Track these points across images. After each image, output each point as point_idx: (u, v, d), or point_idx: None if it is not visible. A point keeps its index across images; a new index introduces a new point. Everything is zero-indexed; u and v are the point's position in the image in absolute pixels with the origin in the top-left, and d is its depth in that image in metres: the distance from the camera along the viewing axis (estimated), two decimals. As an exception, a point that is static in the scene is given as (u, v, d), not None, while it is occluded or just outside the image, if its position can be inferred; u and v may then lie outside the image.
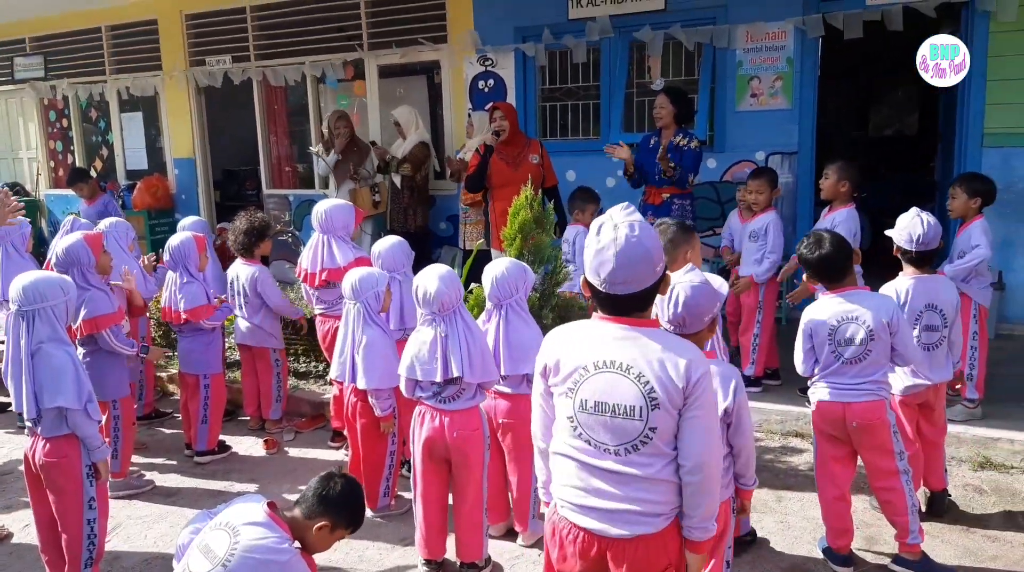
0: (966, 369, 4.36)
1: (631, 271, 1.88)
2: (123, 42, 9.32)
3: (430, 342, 3.04)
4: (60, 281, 3.11)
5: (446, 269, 3.13)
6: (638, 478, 1.93)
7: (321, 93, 8.43)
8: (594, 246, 1.91)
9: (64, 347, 3.03)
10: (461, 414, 3.08)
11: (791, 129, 6.22)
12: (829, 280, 3.20)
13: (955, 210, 4.44)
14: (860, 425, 3.09)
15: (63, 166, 10.40)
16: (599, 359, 1.93)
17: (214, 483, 4.30)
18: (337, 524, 2.41)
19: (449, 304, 3.04)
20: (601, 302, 1.96)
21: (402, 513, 3.80)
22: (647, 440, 1.91)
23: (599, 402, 1.92)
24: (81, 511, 3.09)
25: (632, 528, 1.94)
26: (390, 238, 4.19)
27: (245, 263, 4.82)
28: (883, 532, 3.45)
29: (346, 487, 2.43)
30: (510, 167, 5.54)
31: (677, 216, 5.20)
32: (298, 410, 5.15)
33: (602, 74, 6.86)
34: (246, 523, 2.24)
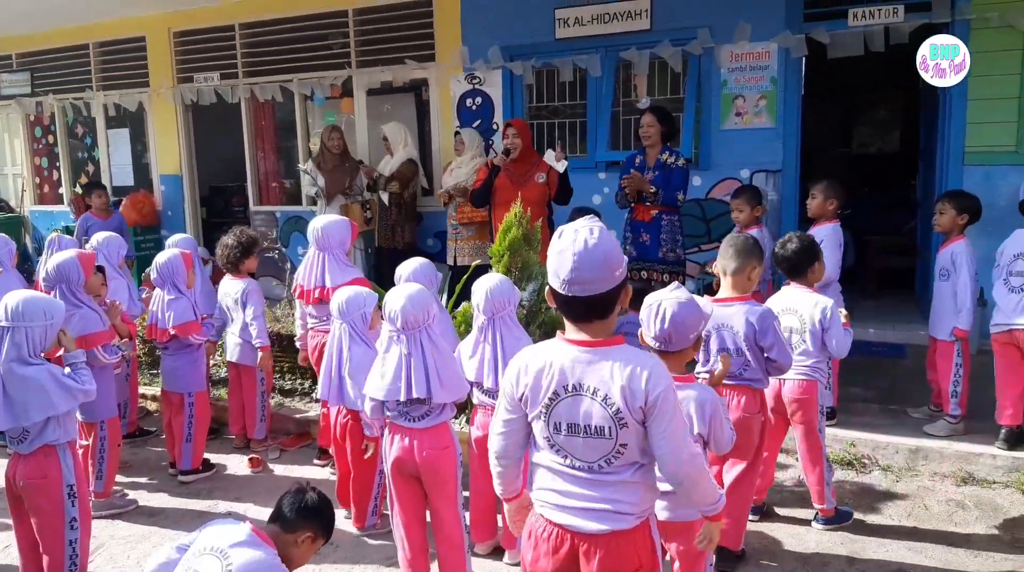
0: (950, 386, 4.40)
1: (590, 272, 1.93)
2: (111, 59, 9.32)
3: (395, 361, 2.98)
4: (46, 304, 3.10)
5: (417, 288, 3.08)
6: (612, 483, 2.02)
7: (309, 110, 8.45)
8: (556, 249, 1.98)
9: (34, 364, 3.00)
10: (430, 432, 3.03)
11: (775, 147, 6.28)
12: (791, 274, 3.64)
13: (942, 225, 4.49)
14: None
15: (48, 182, 10.36)
16: (568, 383, 1.99)
17: (198, 502, 4.27)
18: (318, 534, 2.42)
19: (414, 322, 2.96)
20: (563, 307, 2.01)
21: (388, 531, 3.77)
22: (619, 455, 1.99)
23: (571, 424, 2.00)
24: (62, 531, 3.06)
25: (603, 524, 2.01)
26: (416, 260, 4.02)
27: (233, 278, 4.81)
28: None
29: (320, 497, 2.46)
30: (515, 185, 5.55)
31: (667, 232, 5.24)
32: (283, 428, 5.13)
33: (589, 93, 6.92)
34: (233, 544, 2.22)
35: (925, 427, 4.48)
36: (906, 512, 3.87)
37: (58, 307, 3.15)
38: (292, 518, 2.37)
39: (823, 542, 3.61)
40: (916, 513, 3.86)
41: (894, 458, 4.31)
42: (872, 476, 4.25)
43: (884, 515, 3.85)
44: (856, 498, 4.01)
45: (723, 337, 3.25)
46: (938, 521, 3.78)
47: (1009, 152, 5.74)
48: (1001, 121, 5.72)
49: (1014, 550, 3.49)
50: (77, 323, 3.81)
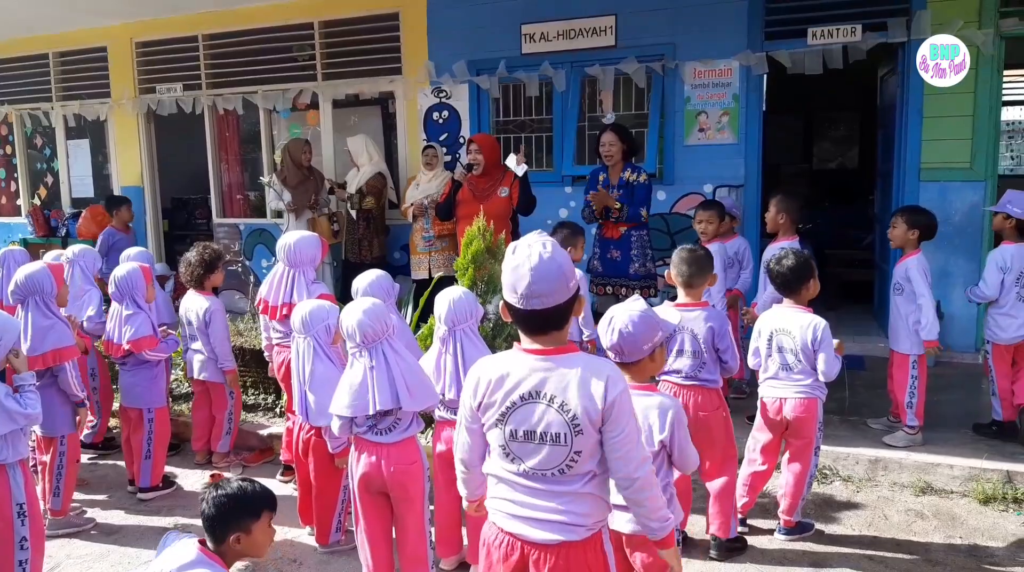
0: (906, 397, 4.49)
1: (545, 285, 1.96)
2: (71, 69, 9.17)
3: (360, 376, 2.97)
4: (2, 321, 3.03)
5: (371, 302, 3.06)
6: (565, 493, 2.04)
7: (274, 122, 8.39)
8: (511, 265, 2.01)
9: None
10: (398, 447, 3.01)
11: (738, 162, 6.38)
12: (784, 291, 3.66)
13: (895, 239, 4.59)
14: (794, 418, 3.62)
15: (6, 194, 10.15)
16: (525, 391, 2.02)
17: (158, 520, 4.18)
18: (249, 526, 2.31)
19: (373, 336, 2.95)
20: (520, 320, 2.04)
21: (352, 548, 3.73)
22: (573, 463, 2.02)
23: (528, 431, 2.03)
24: (12, 552, 2.98)
25: (554, 534, 2.04)
26: (373, 272, 3.96)
27: (198, 294, 4.74)
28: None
29: (220, 497, 2.31)
30: (477, 199, 5.56)
31: (637, 247, 5.28)
32: (246, 443, 5.06)
33: (555, 108, 6.97)
34: (182, 566, 2.19)
35: (884, 438, 4.56)
36: (866, 522, 3.93)
37: (12, 325, 3.08)
38: (212, 531, 2.29)
39: (787, 552, 3.65)
40: (876, 523, 3.92)
41: (854, 469, 4.37)
42: (833, 487, 4.31)
43: (845, 525, 3.90)
44: (817, 509, 4.06)
45: (683, 338, 3.52)
46: (898, 531, 3.84)
47: (964, 168, 5.89)
48: (955, 138, 5.88)
49: (971, 559, 3.56)
50: (51, 336, 3.75)
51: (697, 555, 3.62)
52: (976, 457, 4.26)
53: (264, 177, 7.47)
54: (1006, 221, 4.56)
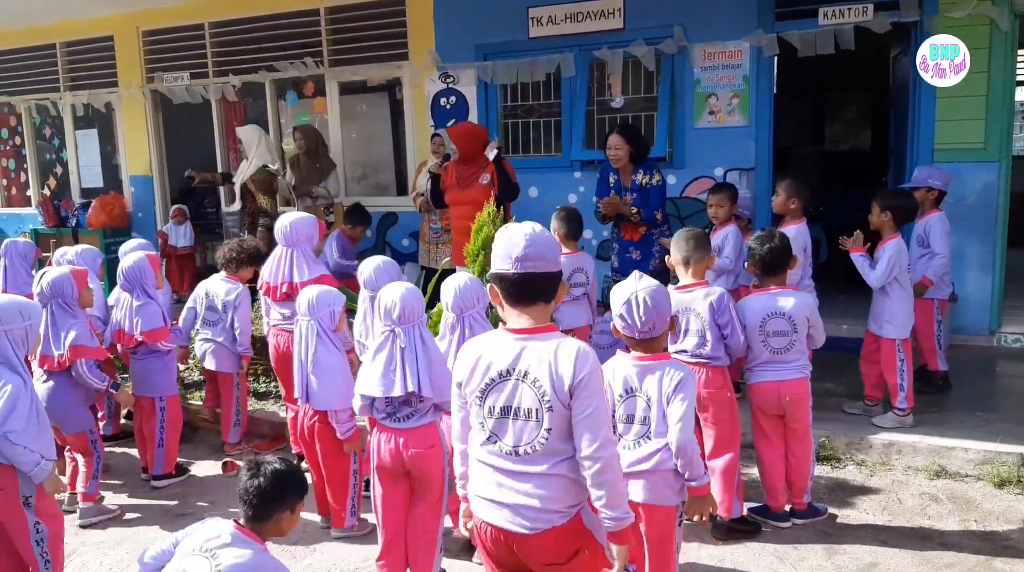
0: (897, 380, 4.47)
1: (539, 249, 2.07)
2: (78, 58, 9.17)
3: (387, 355, 3.00)
4: (22, 305, 3.07)
5: (410, 285, 3.12)
6: (536, 475, 2.07)
7: (281, 110, 8.37)
8: (504, 237, 2.11)
9: (15, 373, 2.96)
10: (417, 432, 3.03)
11: (748, 145, 6.32)
12: (765, 273, 3.66)
13: (872, 223, 4.60)
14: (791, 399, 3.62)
15: (16, 184, 10.18)
16: (503, 368, 2.08)
17: (172, 507, 4.21)
18: (295, 504, 2.39)
19: (411, 315, 3.00)
20: (512, 287, 2.08)
21: (365, 534, 3.75)
22: (544, 441, 2.05)
23: (504, 407, 2.08)
24: (29, 538, 3.03)
25: (530, 523, 2.07)
26: (379, 257, 4.00)
27: (227, 280, 4.77)
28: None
29: (275, 472, 2.34)
30: (459, 188, 5.53)
31: (656, 244, 5.23)
32: (258, 431, 5.08)
33: (563, 92, 6.92)
34: (221, 545, 2.21)
35: (873, 419, 4.56)
36: (880, 506, 3.91)
37: (32, 307, 3.12)
38: (260, 508, 2.31)
39: (800, 536, 3.63)
40: (890, 507, 3.90)
41: (868, 453, 4.35)
42: (846, 471, 4.29)
43: (859, 509, 3.89)
44: (831, 493, 4.04)
45: (687, 319, 3.55)
46: (912, 515, 3.82)
47: (977, 149, 5.82)
48: (969, 118, 5.80)
49: (987, 543, 3.54)
50: (77, 336, 3.86)
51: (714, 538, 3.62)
52: (991, 440, 4.23)
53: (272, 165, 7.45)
54: (928, 194, 4.89)
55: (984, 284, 5.93)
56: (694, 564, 3.38)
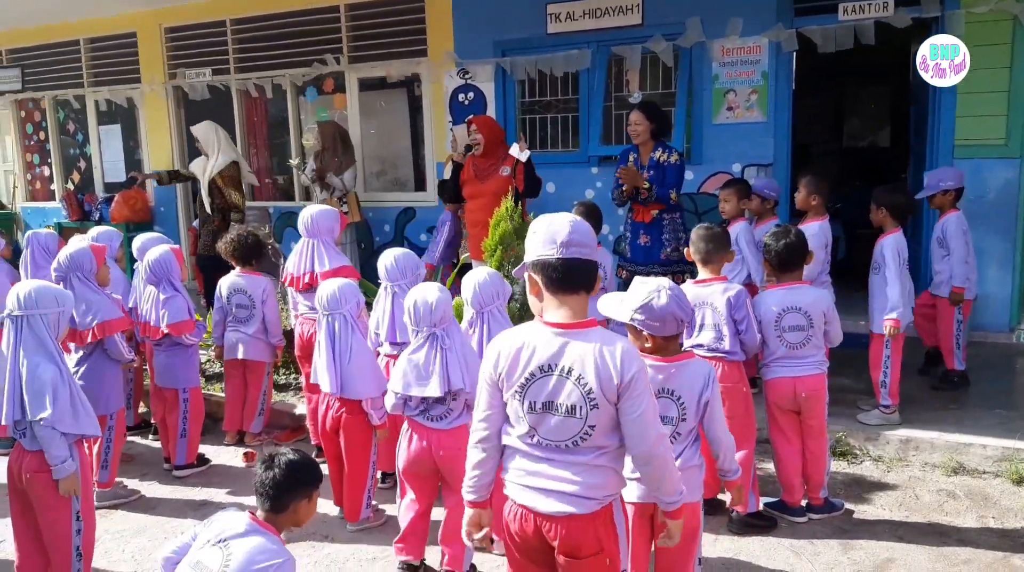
0: (880, 376, 4.48)
1: (583, 237, 2.07)
2: (102, 55, 9.28)
3: (425, 356, 3.04)
4: (56, 292, 3.13)
5: (437, 286, 3.16)
6: (576, 464, 2.08)
7: (301, 106, 8.44)
8: (544, 223, 2.10)
9: (51, 360, 3.01)
10: (449, 433, 3.08)
11: (766, 141, 6.30)
12: (780, 270, 3.66)
13: (873, 221, 4.60)
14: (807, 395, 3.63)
15: (40, 179, 10.33)
16: (544, 363, 2.05)
17: (194, 496, 4.28)
18: (311, 493, 2.42)
19: (449, 316, 3.08)
20: (555, 274, 2.05)
21: (380, 524, 3.80)
22: (587, 436, 2.05)
23: (545, 403, 2.06)
24: (69, 524, 3.07)
25: (565, 506, 2.07)
26: (398, 249, 4.04)
27: (249, 274, 4.83)
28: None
29: (291, 462, 2.38)
30: (478, 180, 5.55)
31: (668, 231, 5.24)
32: (278, 423, 5.14)
33: (581, 87, 6.93)
34: (235, 536, 2.24)
35: (859, 417, 4.56)
36: (897, 502, 3.90)
37: (66, 295, 3.18)
38: (277, 499, 2.35)
39: (815, 532, 3.64)
40: (907, 503, 3.89)
41: (885, 449, 4.34)
42: (863, 467, 4.28)
43: (875, 505, 3.89)
44: (847, 489, 4.04)
45: (704, 313, 3.59)
46: (929, 511, 3.81)
47: (998, 145, 5.77)
48: (990, 114, 5.76)
49: (1004, 539, 3.53)
50: (99, 310, 3.90)
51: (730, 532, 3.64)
52: (1009, 437, 4.21)
53: (293, 160, 7.53)
54: (944, 197, 4.89)
55: (1004, 281, 5.88)
56: (709, 558, 3.39)
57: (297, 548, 3.63)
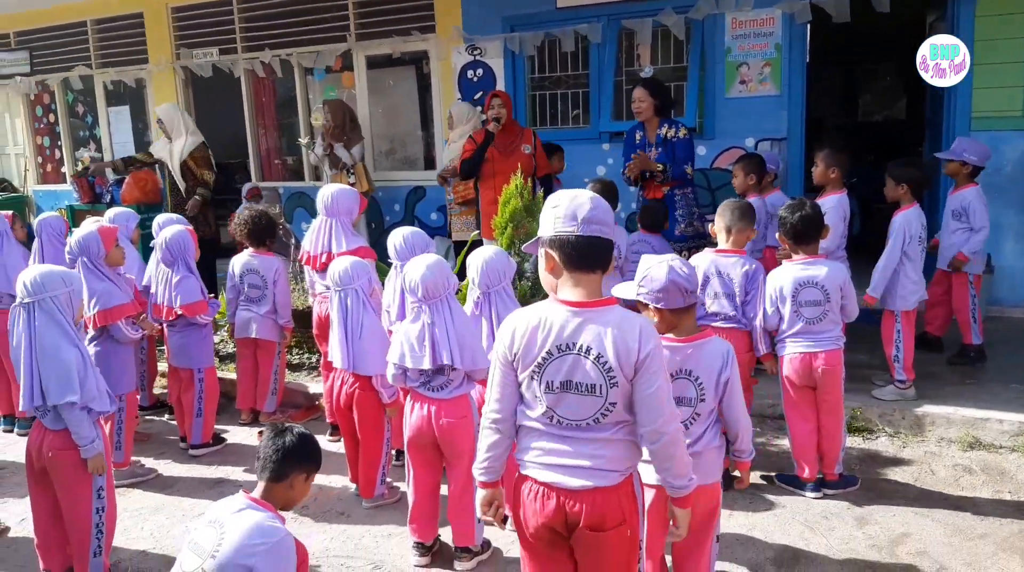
0: (892, 351, 4.46)
1: (603, 214, 2.05)
2: (109, 36, 9.25)
3: (418, 330, 3.06)
4: (62, 273, 3.12)
5: (436, 258, 3.14)
6: (598, 440, 2.07)
7: (309, 85, 8.40)
8: (566, 199, 2.06)
9: (70, 342, 3.03)
10: (449, 403, 3.09)
11: (780, 115, 6.23)
12: (796, 242, 3.63)
13: (888, 198, 4.56)
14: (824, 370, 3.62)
15: (51, 161, 10.34)
16: (562, 343, 2.03)
17: (210, 474, 4.31)
18: (311, 471, 2.43)
19: (435, 292, 3.05)
20: (574, 250, 2.03)
21: (395, 502, 3.82)
22: (607, 413, 2.04)
23: (564, 382, 2.04)
24: (90, 501, 3.10)
25: (588, 480, 2.07)
26: (404, 229, 4.03)
27: (261, 254, 4.82)
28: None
29: (301, 435, 2.41)
30: (502, 156, 5.50)
31: (682, 207, 5.19)
32: (292, 401, 5.16)
33: (591, 63, 6.86)
34: (230, 513, 2.25)
35: (874, 392, 4.54)
36: (913, 477, 3.89)
37: (72, 274, 3.19)
38: (280, 468, 2.37)
39: (829, 507, 3.63)
40: (923, 478, 3.88)
41: (901, 424, 4.33)
42: (879, 442, 4.27)
43: (891, 480, 3.87)
44: (862, 464, 4.03)
45: (722, 281, 3.72)
46: (945, 486, 3.80)
47: (1016, 117, 5.70)
48: (1008, 86, 5.68)
49: (1021, 513, 3.51)
50: (101, 297, 3.89)
51: (744, 506, 3.64)
52: (1026, 411, 4.19)
53: (302, 139, 7.50)
54: (962, 167, 4.83)
55: (1021, 255, 5.82)
56: (724, 534, 3.38)
57: (313, 525, 3.66)
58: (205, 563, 2.17)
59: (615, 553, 2.12)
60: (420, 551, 3.30)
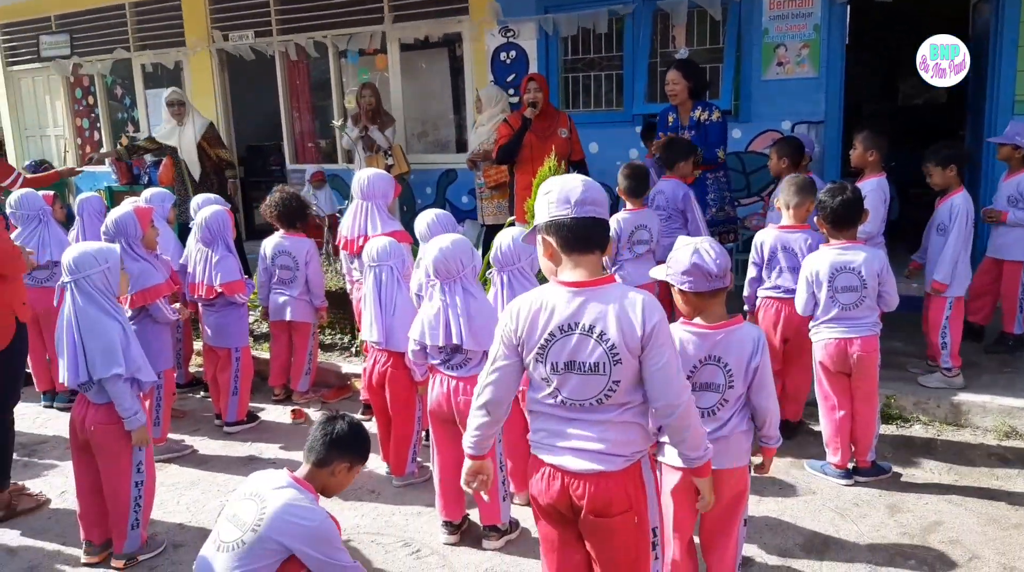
0: (939, 338, 4.39)
1: (596, 194, 2.06)
2: (147, 18, 9.36)
3: (435, 308, 3.12)
4: (95, 252, 3.19)
5: (454, 238, 3.15)
6: (603, 422, 2.07)
7: (343, 68, 8.43)
8: (557, 184, 2.08)
9: (112, 317, 3.12)
10: (467, 381, 3.10)
11: (818, 98, 6.13)
12: (835, 227, 3.59)
13: (936, 185, 4.47)
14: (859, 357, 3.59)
15: (90, 143, 10.51)
16: (563, 323, 2.04)
17: (244, 451, 4.39)
18: (355, 462, 2.48)
19: (447, 272, 3.09)
20: (570, 233, 2.04)
21: (424, 481, 3.86)
22: (612, 392, 2.04)
23: (568, 362, 2.05)
24: (130, 475, 3.18)
25: (592, 464, 2.07)
26: (430, 212, 4.04)
27: (293, 236, 4.86)
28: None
29: (351, 425, 2.47)
30: (539, 140, 5.48)
31: (713, 191, 5.15)
32: (324, 381, 5.22)
33: (625, 44, 6.79)
34: (272, 488, 2.30)
35: (919, 379, 4.47)
36: (947, 466, 3.84)
37: (107, 251, 3.24)
38: (324, 453, 2.42)
39: (861, 494, 3.60)
40: (957, 467, 3.82)
41: (936, 412, 4.27)
42: (913, 430, 4.21)
43: (924, 469, 3.83)
44: (896, 452, 3.98)
45: (787, 255, 3.89)
46: (979, 475, 3.75)
47: (1061, 100, 5.54)
48: (1054, 68, 5.52)
49: (1058, 504, 3.45)
50: (138, 277, 3.95)
51: (774, 492, 3.62)
52: None
53: (336, 121, 7.54)
54: (1015, 152, 4.74)
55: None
56: (754, 518, 3.38)
57: (344, 502, 3.71)
58: (245, 535, 2.22)
59: (622, 540, 2.13)
60: (448, 529, 3.34)
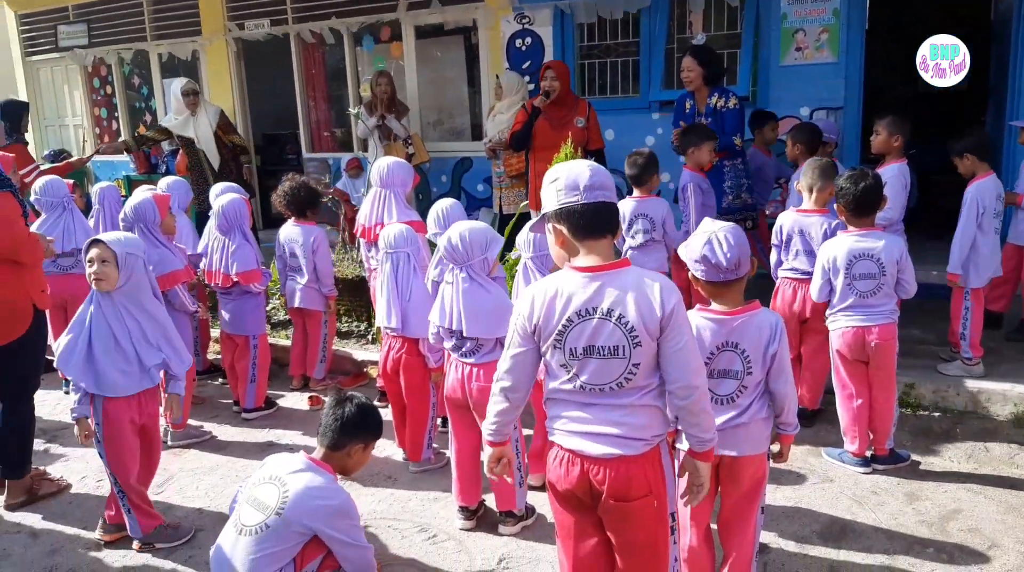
0: (959, 328, 4.36)
1: (604, 179, 2.06)
2: (163, 7, 9.38)
3: (449, 293, 3.15)
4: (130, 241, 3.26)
5: (472, 226, 3.15)
6: (623, 406, 2.07)
7: (358, 56, 8.42)
8: (563, 170, 2.07)
9: (159, 303, 3.27)
10: (480, 368, 3.12)
11: (837, 84, 6.06)
12: (855, 214, 3.56)
13: (964, 174, 4.44)
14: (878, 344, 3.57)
15: (108, 133, 10.58)
16: (581, 308, 2.03)
17: (262, 438, 4.43)
18: (368, 441, 2.50)
19: (455, 257, 3.11)
20: (582, 219, 2.04)
21: (441, 467, 3.87)
22: (632, 375, 2.04)
23: (587, 347, 2.04)
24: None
25: (611, 448, 2.07)
26: (442, 202, 4.10)
27: (302, 224, 4.87)
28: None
29: (360, 406, 2.48)
30: (554, 129, 5.45)
31: (730, 178, 5.11)
32: (341, 368, 5.25)
33: (642, 30, 6.74)
34: (292, 472, 2.31)
35: (939, 367, 4.45)
36: (966, 454, 3.81)
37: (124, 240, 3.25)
38: (337, 438, 2.43)
39: (879, 482, 3.58)
40: (976, 455, 3.80)
41: (955, 400, 4.23)
42: (932, 418, 4.18)
43: (943, 457, 3.80)
44: (914, 440, 3.96)
45: (803, 239, 3.91)
46: (999, 464, 3.72)
47: (1087, 84, 5.45)
48: (1079, 52, 5.43)
49: (1079, 493, 3.42)
50: (157, 264, 3.99)
51: (791, 480, 3.61)
52: None
53: (352, 109, 7.54)
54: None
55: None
56: (772, 506, 3.37)
57: (361, 488, 3.74)
58: (268, 518, 2.24)
59: (642, 524, 2.13)
60: (465, 515, 3.36)
